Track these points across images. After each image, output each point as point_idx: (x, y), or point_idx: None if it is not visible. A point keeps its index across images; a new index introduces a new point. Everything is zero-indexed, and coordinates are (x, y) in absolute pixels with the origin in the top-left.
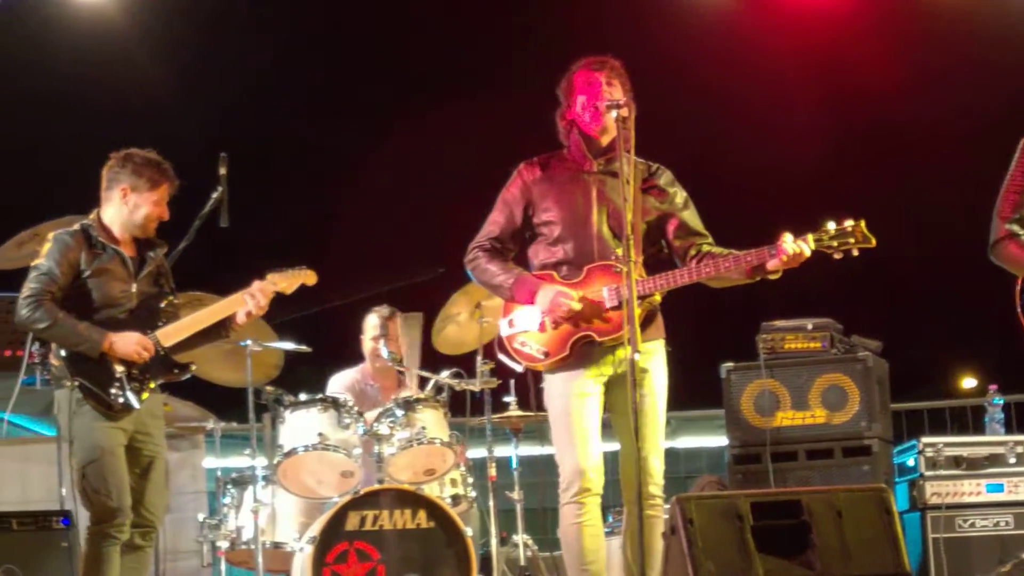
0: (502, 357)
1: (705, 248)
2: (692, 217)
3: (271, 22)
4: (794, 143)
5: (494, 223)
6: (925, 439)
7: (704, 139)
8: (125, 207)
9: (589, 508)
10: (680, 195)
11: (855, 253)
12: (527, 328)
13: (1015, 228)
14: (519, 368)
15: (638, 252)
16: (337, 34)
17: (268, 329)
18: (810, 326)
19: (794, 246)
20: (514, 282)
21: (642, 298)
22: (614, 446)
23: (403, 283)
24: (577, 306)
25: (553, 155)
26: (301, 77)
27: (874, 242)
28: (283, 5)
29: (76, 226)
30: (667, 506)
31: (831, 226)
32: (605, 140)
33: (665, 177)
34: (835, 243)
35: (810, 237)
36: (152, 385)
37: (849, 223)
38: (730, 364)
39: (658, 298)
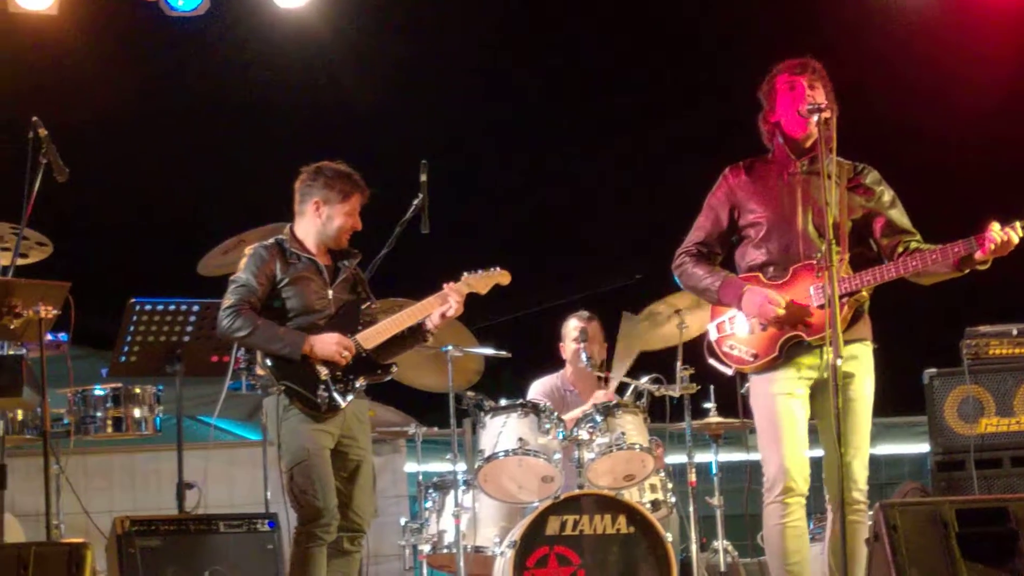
0: (712, 361)
1: (913, 245)
2: (899, 215)
3: (474, 24)
4: (999, 133)
5: (700, 228)
6: None
7: (907, 134)
8: (319, 219)
9: (793, 509)
10: (887, 194)
11: None
12: (736, 331)
13: None
14: (729, 371)
15: (844, 250)
16: (544, 36)
17: (469, 334)
18: (1015, 331)
19: (1001, 234)
20: (721, 285)
21: (849, 295)
22: (819, 452)
23: (603, 289)
24: (783, 311)
25: (757, 158)
26: (506, 80)
27: None
28: (489, 8)
29: (271, 240)
30: (870, 512)
31: None
32: (808, 142)
33: (871, 176)
34: None
35: (1018, 224)
36: (356, 386)
37: None
38: (933, 370)
39: (866, 295)
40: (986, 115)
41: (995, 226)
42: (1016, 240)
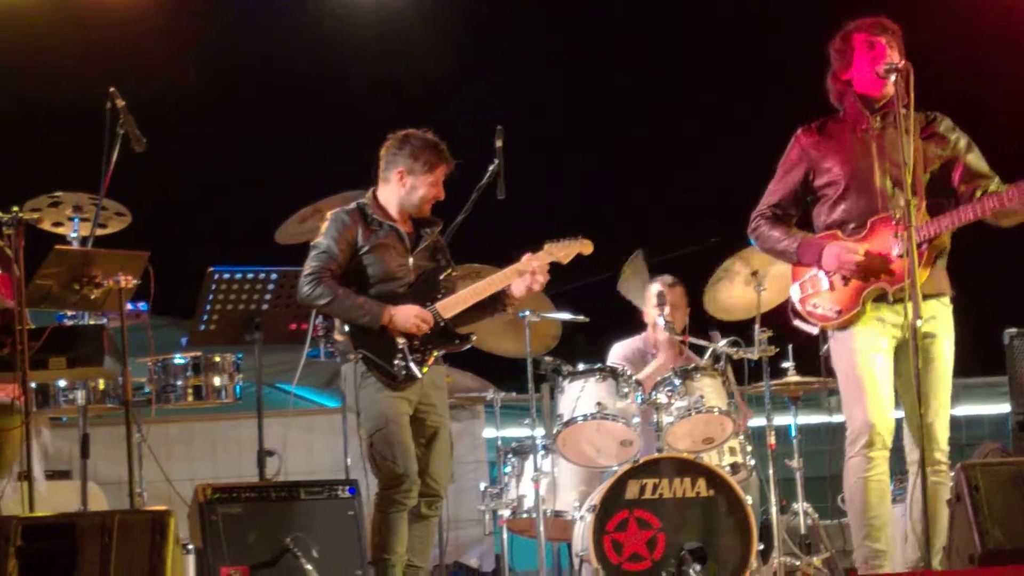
0: (797, 322)
1: (992, 188)
2: (977, 160)
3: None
4: None
5: (774, 191)
6: None
7: (987, 80)
8: (402, 188)
9: (877, 462)
10: (962, 140)
11: None
12: (818, 289)
13: None
14: (815, 331)
15: (921, 201)
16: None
17: (546, 299)
18: None
19: None
20: (799, 245)
21: (928, 241)
22: (901, 414)
23: (679, 252)
24: (861, 258)
25: (829, 118)
26: (578, 45)
27: None
28: None
29: (352, 205)
30: (951, 473)
31: None
32: (883, 101)
33: (945, 124)
34: None
35: None
36: (434, 356)
37: None
38: (1013, 330)
39: (947, 243)
40: None
41: None
42: None
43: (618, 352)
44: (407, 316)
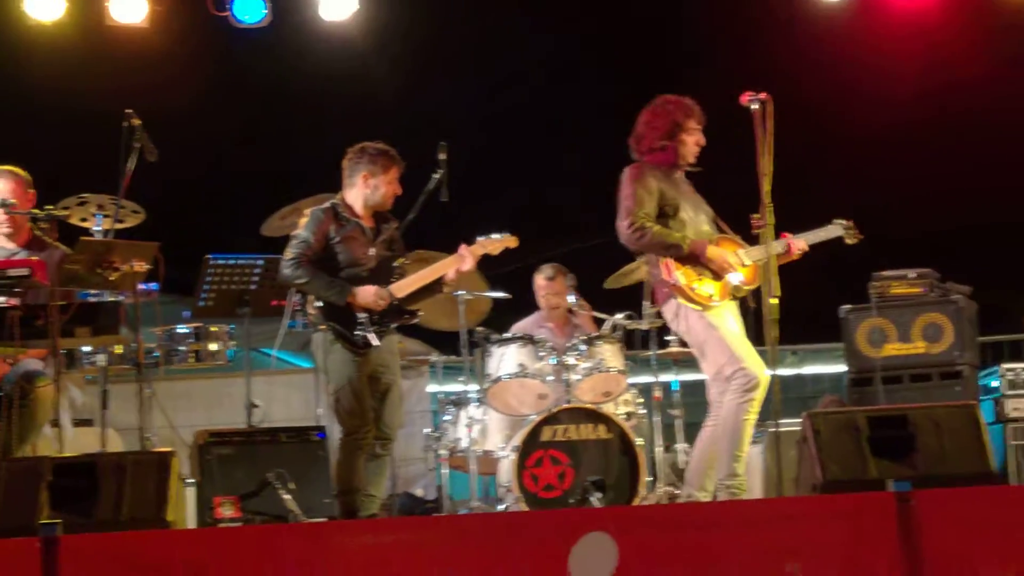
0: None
1: None
2: None
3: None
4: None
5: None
6: (1005, 365)
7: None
8: (367, 188)
9: (756, 407)
10: None
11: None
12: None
13: None
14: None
15: None
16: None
17: (481, 279)
18: (913, 275)
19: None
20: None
21: None
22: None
23: (581, 245)
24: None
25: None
26: (511, 70)
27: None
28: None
29: (327, 204)
30: (799, 420)
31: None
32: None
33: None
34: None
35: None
36: (388, 327)
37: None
38: (847, 307)
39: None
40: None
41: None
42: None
43: (519, 328)
44: (367, 295)
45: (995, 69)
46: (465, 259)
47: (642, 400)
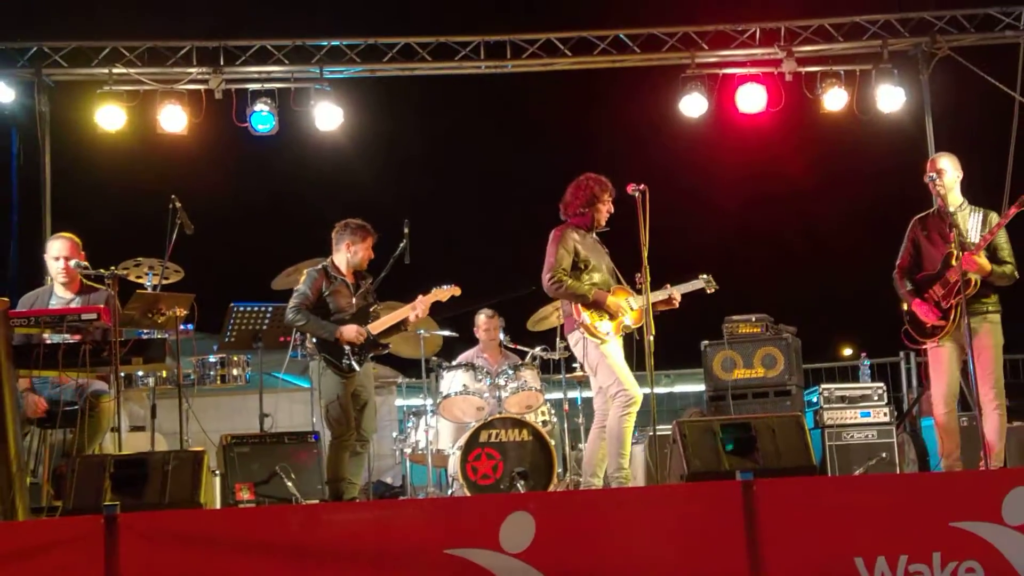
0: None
1: None
2: None
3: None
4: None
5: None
6: (823, 386)
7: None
8: (349, 253)
9: (633, 416)
10: None
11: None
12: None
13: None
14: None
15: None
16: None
17: (434, 323)
18: (753, 318)
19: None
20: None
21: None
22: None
23: (509, 296)
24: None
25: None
26: (457, 163)
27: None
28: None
29: (320, 265)
30: (671, 426)
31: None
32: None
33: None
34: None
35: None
36: (367, 357)
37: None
38: (706, 341)
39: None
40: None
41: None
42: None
43: (460, 358)
44: (351, 332)
45: (809, 167)
46: (417, 307)
47: (555, 411)
